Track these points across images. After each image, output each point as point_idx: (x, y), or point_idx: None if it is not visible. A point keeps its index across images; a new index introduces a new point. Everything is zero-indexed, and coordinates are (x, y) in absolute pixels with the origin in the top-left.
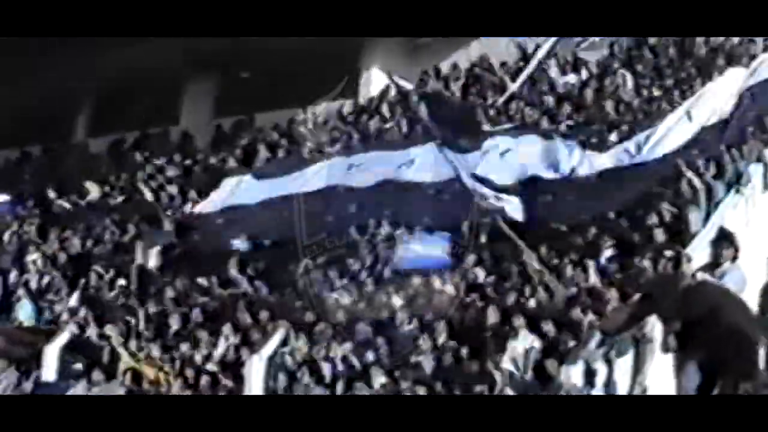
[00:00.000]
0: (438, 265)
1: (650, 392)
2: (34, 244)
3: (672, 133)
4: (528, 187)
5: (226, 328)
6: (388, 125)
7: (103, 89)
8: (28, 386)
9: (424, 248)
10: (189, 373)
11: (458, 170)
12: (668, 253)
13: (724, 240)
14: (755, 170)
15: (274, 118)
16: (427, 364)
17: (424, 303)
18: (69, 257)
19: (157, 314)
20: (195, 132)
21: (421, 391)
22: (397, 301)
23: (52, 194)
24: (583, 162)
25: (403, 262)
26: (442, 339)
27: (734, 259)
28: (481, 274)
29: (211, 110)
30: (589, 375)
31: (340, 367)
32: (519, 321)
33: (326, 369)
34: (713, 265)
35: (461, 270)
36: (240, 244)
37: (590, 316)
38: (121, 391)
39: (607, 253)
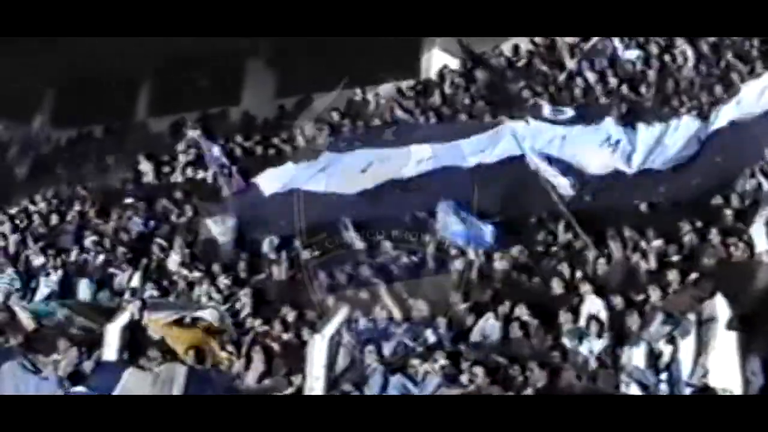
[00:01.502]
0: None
1: (712, 375)
2: (95, 224)
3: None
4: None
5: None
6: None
7: (163, 69)
8: (88, 365)
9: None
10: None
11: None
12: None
13: None
14: None
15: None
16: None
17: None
18: (130, 237)
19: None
20: (257, 112)
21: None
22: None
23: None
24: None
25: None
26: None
27: None
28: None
29: (273, 90)
30: (652, 357)
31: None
32: (586, 287)
33: (387, 348)
34: None
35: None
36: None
37: (654, 297)
38: (182, 371)
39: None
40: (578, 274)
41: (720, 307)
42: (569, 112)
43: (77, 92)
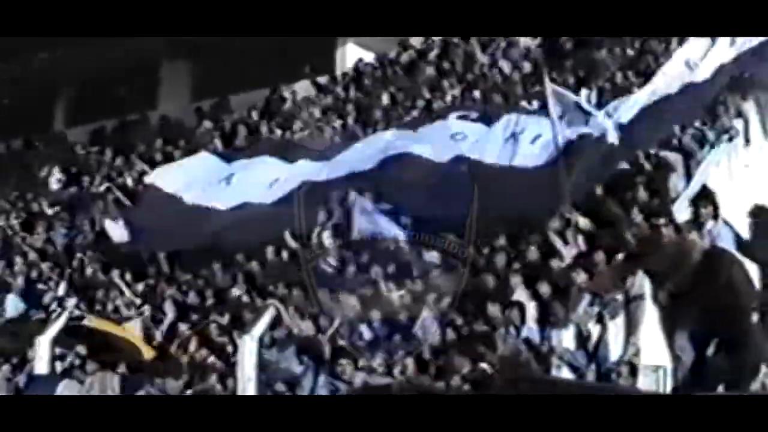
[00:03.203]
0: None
1: (643, 353)
2: (20, 238)
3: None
4: None
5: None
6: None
7: (79, 78)
8: (21, 379)
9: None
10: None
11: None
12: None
13: (703, 198)
14: (737, 125)
15: (248, 100)
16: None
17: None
18: (55, 249)
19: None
20: (174, 115)
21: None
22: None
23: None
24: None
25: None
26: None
27: (715, 216)
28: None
29: (190, 93)
30: (581, 338)
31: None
32: (516, 279)
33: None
34: (698, 224)
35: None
36: None
37: (579, 279)
38: (116, 381)
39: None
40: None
41: (645, 283)
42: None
43: None
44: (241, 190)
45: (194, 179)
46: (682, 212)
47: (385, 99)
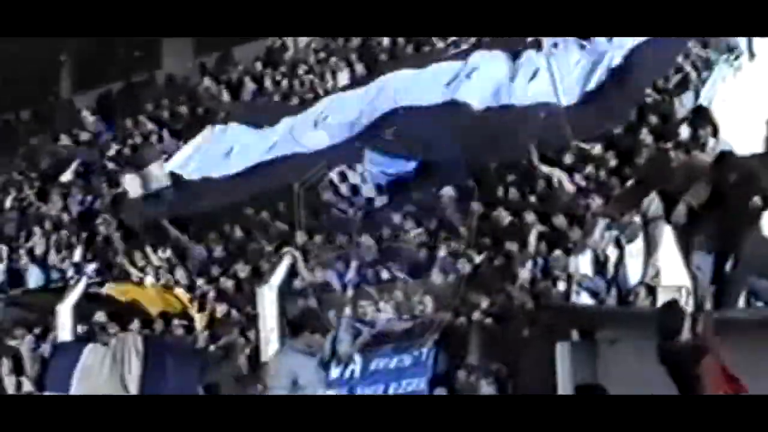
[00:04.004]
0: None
1: (663, 273)
2: (35, 208)
3: None
4: None
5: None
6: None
7: (80, 44)
8: (46, 348)
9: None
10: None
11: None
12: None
13: (700, 117)
14: (740, 42)
15: (253, 50)
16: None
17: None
18: (71, 216)
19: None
20: (180, 73)
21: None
22: None
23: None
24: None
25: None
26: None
27: (715, 134)
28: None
29: (193, 49)
30: (598, 263)
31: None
32: (531, 217)
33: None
34: (699, 144)
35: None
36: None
37: (594, 205)
38: (139, 342)
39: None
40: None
41: (659, 204)
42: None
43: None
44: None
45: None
46: (685, 133)
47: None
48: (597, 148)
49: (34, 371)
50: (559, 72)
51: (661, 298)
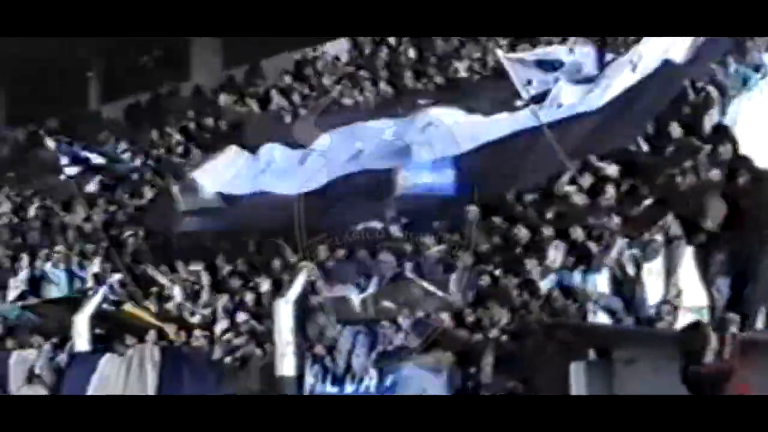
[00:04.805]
0: (445, 191)
1: (685, 294)
2: (60, 217)
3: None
4: None
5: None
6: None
7: (108, 54)
8: (63, 358)
9: (431, 176)
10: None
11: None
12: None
13: (721, 135)
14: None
15: (280, 64)
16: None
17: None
18: (95, 226)
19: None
20: (208, 85)
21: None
22: None
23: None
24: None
25: (408, 192)
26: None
27: (735, 152)
28: None
29: (221, 61)
30: (616, 282)
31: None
32: (549, 231)
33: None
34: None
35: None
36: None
37: (613, 224)
38: (156, 353)
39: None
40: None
41: (677, 225)
42: None
43: (27, 89)
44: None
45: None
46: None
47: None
48: (613, 168)
49: (50, 380)
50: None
51: (683, 319)
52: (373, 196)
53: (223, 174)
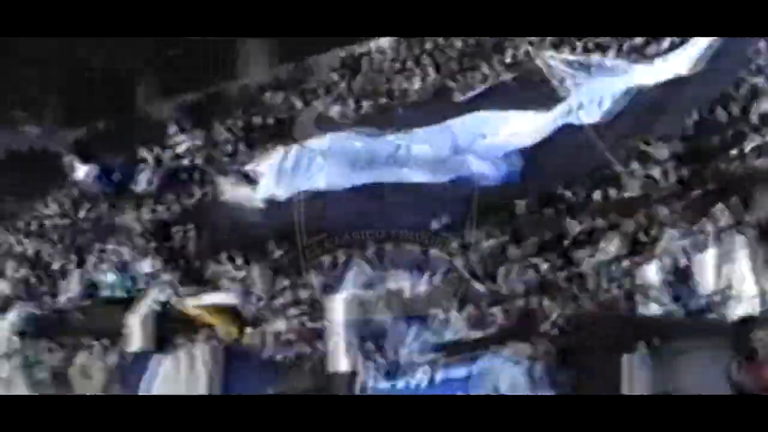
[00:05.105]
0: (509, 179)
1: (736, 285)
2: (112, 216)
3: None
4: None
5: None
6: None
7: (155, 56)
8: (113, 359)
9: (492, 165)
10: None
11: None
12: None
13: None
14: None
15: (328, 60)
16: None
17: None
18: (145, 225)
19: None
20: (255, 84)
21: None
22: None
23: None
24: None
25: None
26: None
27: None
28: None
29: (268, 59)
30: (667, 273)
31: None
32: (599, 223)
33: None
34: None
35: None
36: None
37: (663, 213)
38: (206, 351)
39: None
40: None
41: (728, 215)
42: None
43: (77, 90)
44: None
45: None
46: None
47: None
48: (663, 156)
49: (103, 381)
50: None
51: (734, 310)
52: (426, 194)
53: (271, 172)
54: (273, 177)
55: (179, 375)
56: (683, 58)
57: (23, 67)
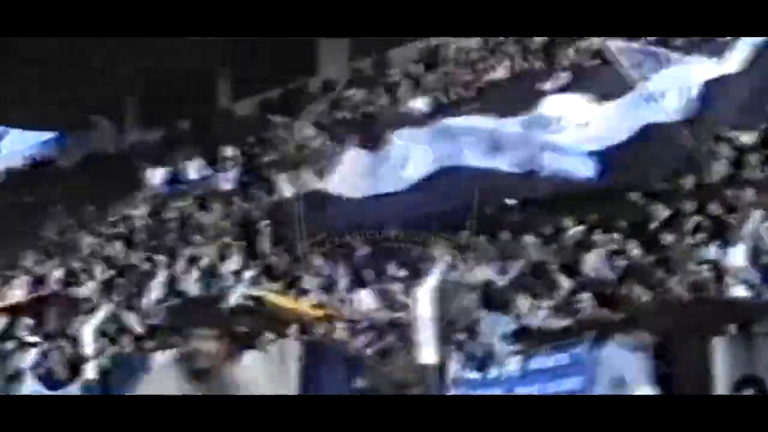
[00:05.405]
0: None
1: None
2: (197, 218)
3: None
4: None
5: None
6: None
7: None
8: None
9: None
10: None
11: None
12: None
13: None
14: None
15: (407, 53)
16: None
17: None
18: (231, 222)
19: None
20: (335, 78)
21: None
22: None
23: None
24: None
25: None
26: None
27: None
28: None
29: (347, 53)
30: (755, 255)
31: None
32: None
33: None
34: None
35: None
36: None
37: (748, 196)
38: (295, 346)
39: None
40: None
41: None
42: None
43: (158, 90)
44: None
45: None
46: None
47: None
48: (748, 140)
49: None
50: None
51: None
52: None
53: (352, 171)
54: (361, 172)
55: (270, 371)
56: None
57: (98, 70)
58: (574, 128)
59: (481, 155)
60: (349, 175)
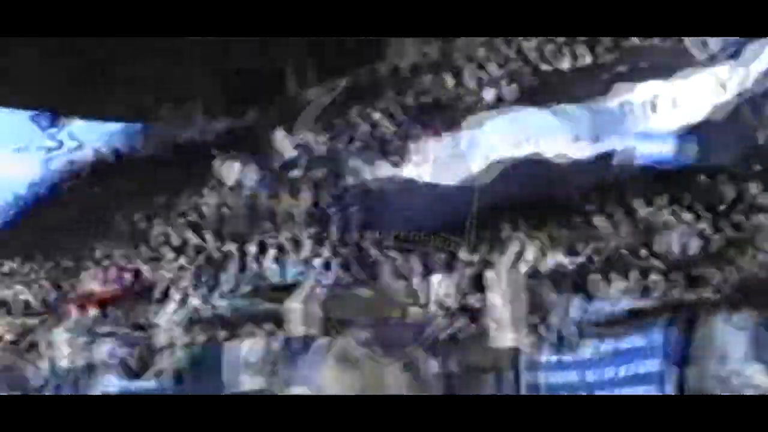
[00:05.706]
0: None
1: None
2: (267, 204)
3: None
4: None
5: None
6: None
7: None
8: (276, 345)
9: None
10: None
11: None
12: None
13: None
14: None
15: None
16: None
17: None
18: (303, 210)
19: None
20: (403, 63)
21: None
22: None
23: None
24: None
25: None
26: None
27: None
28: None
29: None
30: None
31: None
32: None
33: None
34: None
35: None
36: None
37: None
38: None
39: None
40: None
41: None
42: None
43: (228, 80)
44: None
45: None
46: None
47: None
48: None
49: (265, 368)
50: None
51: None
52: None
53: (432, 159)
54: (442, 160)
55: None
56: None
57: (170, 63)
58: (656, 111)
59: (562, 142)
60: (429, 163)
